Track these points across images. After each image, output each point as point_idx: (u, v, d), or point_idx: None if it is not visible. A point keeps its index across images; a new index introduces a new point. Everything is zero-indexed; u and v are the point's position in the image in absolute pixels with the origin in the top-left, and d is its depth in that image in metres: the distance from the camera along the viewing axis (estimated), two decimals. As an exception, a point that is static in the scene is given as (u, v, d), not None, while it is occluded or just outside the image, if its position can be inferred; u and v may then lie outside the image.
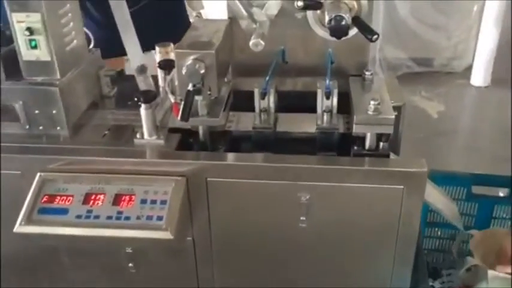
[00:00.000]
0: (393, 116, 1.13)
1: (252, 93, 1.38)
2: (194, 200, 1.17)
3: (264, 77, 1.29)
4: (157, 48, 1.39)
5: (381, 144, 1.18)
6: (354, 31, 1.17)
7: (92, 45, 1.42)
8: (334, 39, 1.12)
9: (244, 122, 1.30)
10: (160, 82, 1.27)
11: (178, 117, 1.10)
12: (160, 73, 1.26)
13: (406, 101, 1.36)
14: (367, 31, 1.06)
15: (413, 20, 3.47)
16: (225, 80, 1.36)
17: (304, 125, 1.27)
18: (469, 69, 3.66)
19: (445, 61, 3.68)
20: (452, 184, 1.74)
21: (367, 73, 1.29)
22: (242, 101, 1.37)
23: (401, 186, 1.10)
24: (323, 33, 1.23)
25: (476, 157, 2.75)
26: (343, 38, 1.11)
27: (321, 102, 1.22)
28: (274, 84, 1.25)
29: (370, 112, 1.13)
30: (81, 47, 1.31)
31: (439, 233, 1.86)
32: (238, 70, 1.38)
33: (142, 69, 1.31)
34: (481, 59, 3.55)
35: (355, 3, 1.08)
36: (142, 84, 1.32)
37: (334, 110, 1.23)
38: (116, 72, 1.40)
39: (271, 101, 1.24)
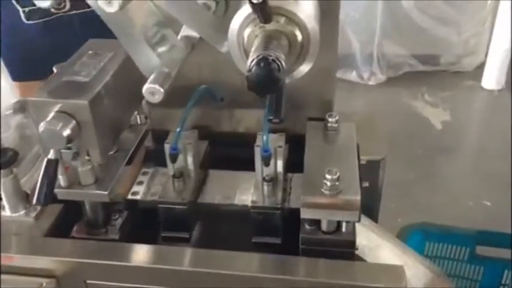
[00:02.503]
0: (358, 197, 0.76)
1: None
2: (74, 307, 0.82)
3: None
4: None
5: (344, 224, 0.81)
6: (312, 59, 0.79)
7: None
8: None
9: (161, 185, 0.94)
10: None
11: (33, 200, 0.74)
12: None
13: (386, 154, 1.00)
14: (271, 110, 0.67)
15: (418, 11, 3.03)
16: (138, 120, 0.99)
17: (240, 191, 0.90)
18: (480, 68, 3.22)
19: (453, 59, 3.23)
20: (452, 242, 1.37)
21: (330, 119, 0.91)
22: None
23: (368, 306, 0.74)
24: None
25: (487, 185, 2.28)
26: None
27: (260, 167, 0.85)
28: (195, 136, 0.89)
29: (324, 191, 0.76)
30: None
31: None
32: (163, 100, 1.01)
33: (19, 107, 0.95)
34: (494, 57, 3.12)
35: (298, 33, 0.68)
36: (20, 129, 0.95)
37: (280, 176, 0.87)
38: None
39: (189, 162, 0.87)
